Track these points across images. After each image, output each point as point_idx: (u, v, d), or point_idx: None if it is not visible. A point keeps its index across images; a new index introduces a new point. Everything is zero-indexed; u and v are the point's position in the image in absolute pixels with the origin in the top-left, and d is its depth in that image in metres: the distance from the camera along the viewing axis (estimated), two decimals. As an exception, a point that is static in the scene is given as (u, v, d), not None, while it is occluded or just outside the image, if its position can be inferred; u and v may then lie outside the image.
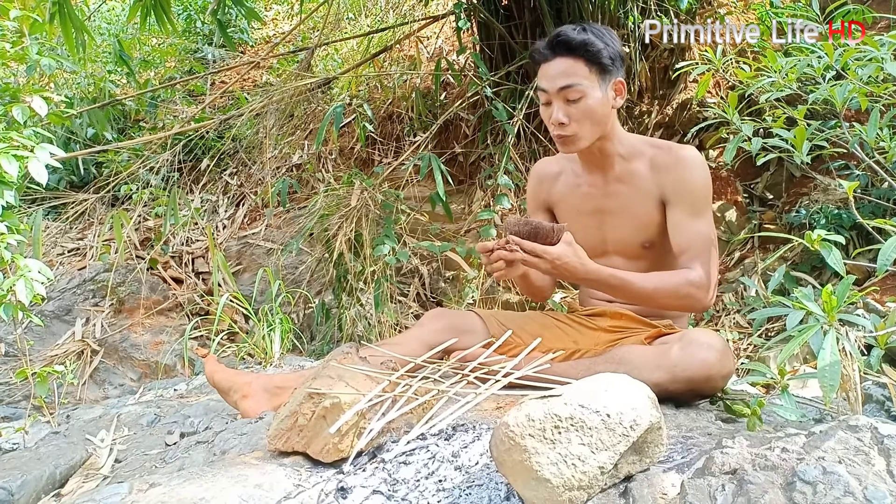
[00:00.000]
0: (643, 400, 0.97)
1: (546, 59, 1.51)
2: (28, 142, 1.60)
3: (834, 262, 0.99)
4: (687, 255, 1.50)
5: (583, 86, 1.48)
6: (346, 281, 3.07)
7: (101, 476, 1.41)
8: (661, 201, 1.56)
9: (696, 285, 1.47)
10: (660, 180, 1.55)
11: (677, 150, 1.56)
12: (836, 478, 0.82)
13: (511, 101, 3.39)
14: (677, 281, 1.48)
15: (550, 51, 1.50)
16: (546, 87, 1.51)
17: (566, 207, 1.71)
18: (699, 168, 1.53)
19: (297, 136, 4.59)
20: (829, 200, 3.02)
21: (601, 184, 1.63)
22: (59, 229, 4.38)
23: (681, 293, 1.47)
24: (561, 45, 1.48)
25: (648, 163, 1.57)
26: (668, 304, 1.53)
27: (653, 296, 1.49)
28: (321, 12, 4.96)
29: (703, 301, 1.49)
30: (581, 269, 1.42)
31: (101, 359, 3.42)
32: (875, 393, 1.47)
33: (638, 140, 1.62)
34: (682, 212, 1.52)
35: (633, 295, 1.50)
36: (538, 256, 1.39)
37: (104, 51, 5.54)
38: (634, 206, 1.59)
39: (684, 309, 1.59)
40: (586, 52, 1.47)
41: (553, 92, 1.50)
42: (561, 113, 1.50)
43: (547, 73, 1.51)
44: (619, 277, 1.46)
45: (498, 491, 1.01)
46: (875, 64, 1.34)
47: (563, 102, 1.50)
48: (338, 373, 1.25)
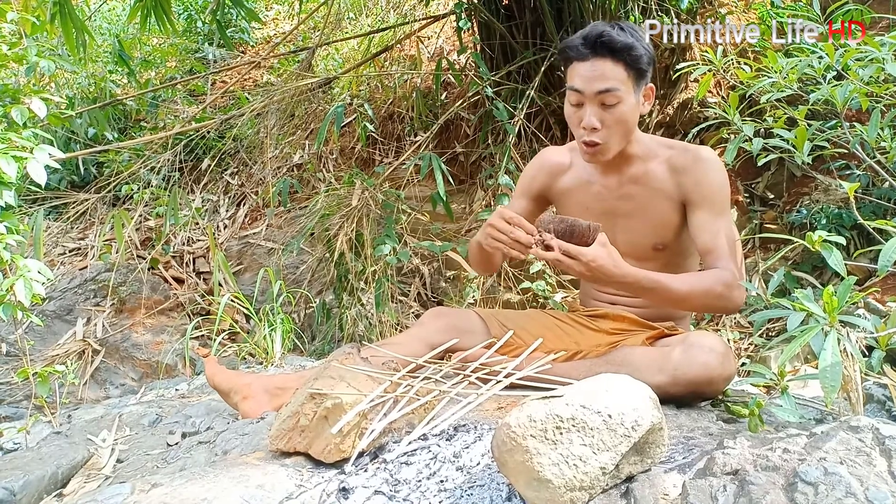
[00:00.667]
0: (645, 401, 0.97)
1: (584, 57, 1.43)
2: (27, 143, 1.60)
3: (835, 263, 0.99)
4: (713, 255, 1.46)
5: (621, 91, 1.42)
6: (346, 281, 3.08)
7: (103, 476, 1.41)
8: (681, 203, 1.53)
9: (729, 285, 1.40)
10: (679, 182, 1.52)
11: (695, 152, 1.52)
12: (838, 479, 0.82)
13: (512, 100, 3.39)
14: (710, 281, 1.42)
15: (591, 50, 1.42)
16: (581, 87, 1.43)
17: (572, 204, 1.66)
18: (718, 168, 1.51)
19: (298, 135, 4.59)
20: (830, 200, 3.02)
21: (615, 185, 1.59)
22: (61, 229, 4.39)
23: (714, 293, 1.40)
24: (604, 46, 1.41)
25: (665, 164, 1.54)
26: (701, 305, 1.46)
27: (687, 298, 1.42)
28: (321, 12, 4.96)
29: (736, 300, 1.42)
30: (616, 273, 1.34)
31: (102, 358, 3.42)
32: (876, 393, 1.47)
33: (652, 140, 1.59)
34: (705, 212, 1.49)
35: (667, 298, 1.43)
36: (573, 258, 1.32)
37: (105, 51, 5.54)
38: (650, 207, 1.56)
39: (717, 310, 1.47)
40: (629, 55, 1.41)
41: (590, 94, 1.43)
42: (595, 118, 1.44)
43: (583, 73, 1.43)
44: (653, 280, 1.39)
45: (500, 491, 1.01)
46: (876, 64, 1.34)
47: (597, 106, 1.44)
48: (339, 373, 1.25)
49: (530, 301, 3.21)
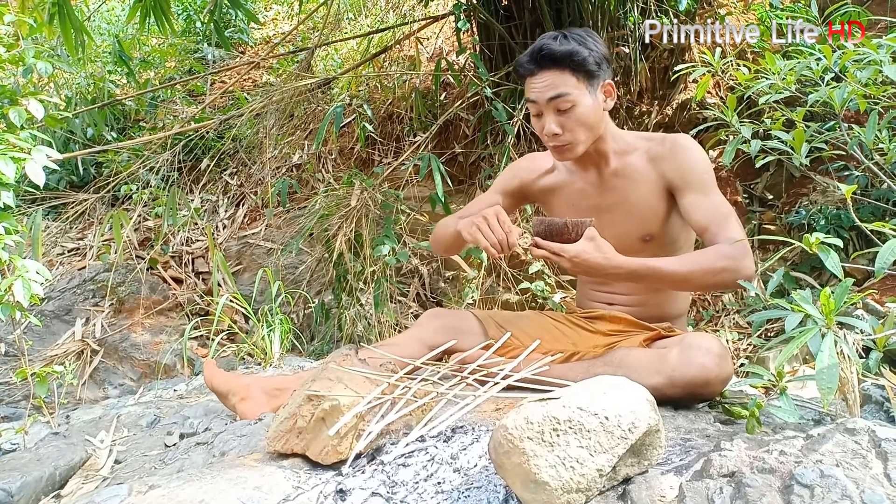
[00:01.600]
0: (642, 402, 0.97)
1: (532, 73, 1.51)
2: (25, 144, 1.60)
3: (832, 265, 0.99)
4: (710, 231, 1.46)
5: (572, 95, 1.48)
6: (345, 281, 3.08)
7: (101, 477, 1.41)
8: (666, 191, 1.56)
9: (731, 256, 1.38)
10: (661, 170, 1.56)
11: (671, 139, 1.57)
12: (834, 481, 0.82)
13: (511, 101, 3.39)
14: (711, 256, 1.40)
15: (535, 65, 1.50)
16: (535, 98, 1.51)
17: (558, 203, 1.71)
18: (695, 150, 1.54)
19: (297, 136, 4.59)
20: (829, 202, 3.02)
21: (598, 181, 1.64)
22: (60, 229, 4.39)
23: (717, 268, 1.38)
24: (545, 59, 1.48)
25: (645, 155, 1.58)
26: (706, 282, 1.42)
27: (689, 278, 1.41)
28: (321, 13, 4.96)
29: (745, 269, 1.38)
30: (606, 264, 1.38)
31: (100, 359, 3.43)
32: (874, 394, 1.47)
33: (630, 136, 1.63)
34: (693, 193, 1.52)
35: (667, 282, 1.44)
36: (558, 255, 1.38)
37: (104, 51, 5.54)
38: (634, 198, 1.59)
39: (726, 285, 1.44)
40: (571, 62, 1.47)
41: (543, 103, 1.50)
42: (553, 124, 1.50)
43: (534, 86, 1.51)
44: (649, 267, 1.40)
45: (497, 493, 1.01)
46: (874, 67, 1.34)
47: (554, 113, 1.50)
48: (337, 375, 1.25)
49: (529, 301, 3.21)
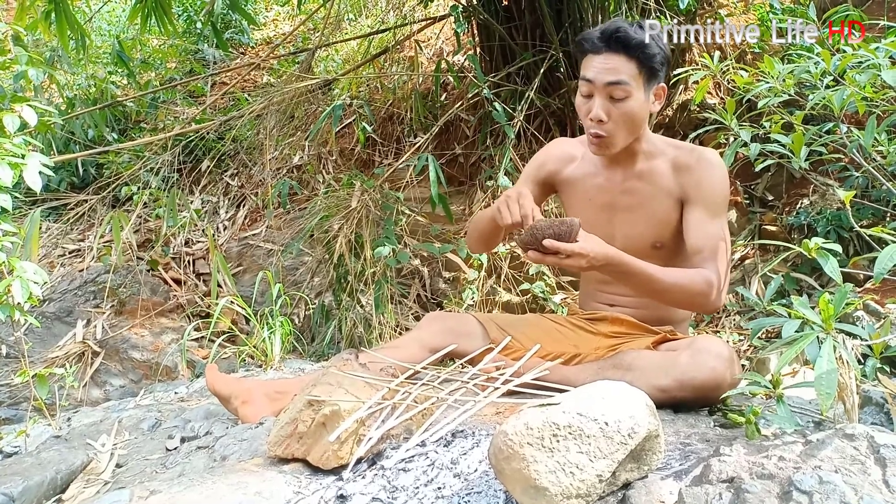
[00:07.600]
0: (641, 408, 0.98)
1: (598, 50, 1.46)
2: (19, 150, 1.60)
3: (831, 270, 0.99)
4: (701, 256, 1.48)
5: (630, 86, 1.45)
6: (346, 282, 3.08)
7: (102, 481, 1.41)
8: (680, 200, 1.56)
9: (712, 286, 1.43)
10: (680, 180, 1.55)
11: (700, 152, 1.56)
12: (833, 487, 0.82)
13: (511, 102, 3.39)
14: (694, 278, 1.44)
15: (605, 44, 1.45)
16: (592, 77, 1.47)
17: (576, 193, 1.69)
18: (719, 170, 1.53)
19: (298, 137, 4.59)
20: (828, 204, 3.02)
21: (619, 179, 1.62)
22: (60, 230, 4.39)
23: (694, 290, 1.43)
24: (618, 41, 1.44)
25: (670, 162, 1.57)
26: (679, 300, 1.49)
27: (669, 290, 1.44)
28: (321, 13, 4.96)
29: (713, 303, 1.45)
30: (613, 254, 1.37)
31: (101, 360, 3.43)
32: (874, 395, 1.47)
33: (661, 140, 1.62)
34: (699, 211, 1.52)
35: (650, 286, 1.45)
36: (577, 254, 1.33)
37: (105, 52, 5.54)
38: (652, 204, 1.58)
39: (693, 308, 1.53)
40: (642, 52, 1.44)
41: (599, 85, 1.46)
42: (602, 110, 1.47)
43: (596, 64, 1.46)
44: (641, 267, 1.41)
45: (496, 498, 1.01)
46: (872, 71, 1.34)
47: (605, 98, 1.47)
48: (337, 380, 1.26)
49: (530, 303, 3.21)
